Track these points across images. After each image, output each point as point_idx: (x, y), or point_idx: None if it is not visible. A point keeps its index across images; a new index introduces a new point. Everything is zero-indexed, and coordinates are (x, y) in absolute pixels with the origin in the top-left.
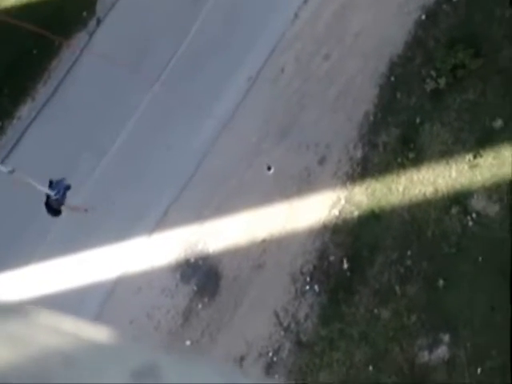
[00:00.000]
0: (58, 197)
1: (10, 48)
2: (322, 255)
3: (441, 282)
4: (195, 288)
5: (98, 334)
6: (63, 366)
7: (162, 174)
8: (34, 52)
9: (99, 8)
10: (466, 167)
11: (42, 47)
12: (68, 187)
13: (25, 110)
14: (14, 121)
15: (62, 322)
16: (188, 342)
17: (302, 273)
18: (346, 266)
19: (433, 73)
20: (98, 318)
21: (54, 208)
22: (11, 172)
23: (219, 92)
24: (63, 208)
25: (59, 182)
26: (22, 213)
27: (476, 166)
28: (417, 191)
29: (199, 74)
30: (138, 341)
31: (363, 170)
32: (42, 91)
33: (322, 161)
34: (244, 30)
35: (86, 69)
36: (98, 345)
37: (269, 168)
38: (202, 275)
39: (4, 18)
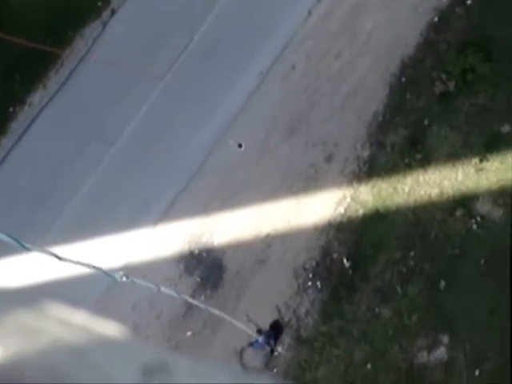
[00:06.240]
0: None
1: (23, 35)
2: (326, 252)
3: (442, 284)
4: (198, 279)
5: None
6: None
7: (169, 165)
8: (48, 40)
9: None
10: (473, 170)
11: (56, 36)
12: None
13: (36, 97)
14: (26, 107)
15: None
16: (189, 333)
17: (304, 269)
18: (348, 263)
19: (443, 75)
20: (100, 303)
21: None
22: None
23: (229, 86)
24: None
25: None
26: (37, 189)
27: (482, 169)
28: (422, 192)
29: (210, 67)
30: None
31: (370, 169)
32: (54, 79)
33: (329, 159)
34: (257, 25)
35: (98, 58)
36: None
37: (240, 145)
38: (206, 267)
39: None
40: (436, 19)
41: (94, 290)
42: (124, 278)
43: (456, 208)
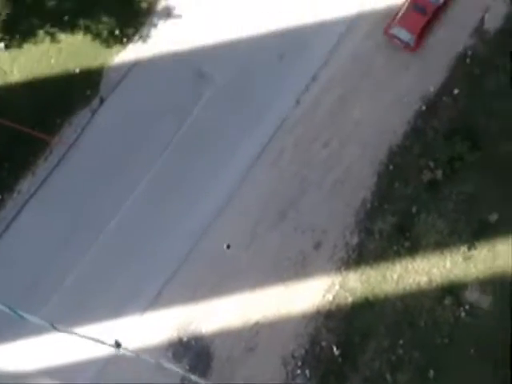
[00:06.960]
0: None
1: (12, 123)
2: (315, 340)
3: (431, 373)
4: (187, 367)
5: None
6: None
7: (157, 254)
8: (37, 128)
9: (103, 87)
10: (461, 259)
11: (44, 124)
12: None
13: (25, 184)
14: (15, 194)
15: None
16: None
17: (293, 357)
18: (337, 351)
19: (431, 163)
20: None
21: None
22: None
23: (219, 174)
24: None
25: None
26: (24, 278)
27: (470, 257)
28: (411, 280)
29: (199, 155)
30: None
31: (358, 256)
32: (43, 167)
33: (317, 245)
34: (246, 113)
35: (87, 146)
36: None
37: (228, 246)
38: (194, 355)
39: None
40: (424, 108)
41: (84, 377)
42: (123, 351)
43: (444, 296)
